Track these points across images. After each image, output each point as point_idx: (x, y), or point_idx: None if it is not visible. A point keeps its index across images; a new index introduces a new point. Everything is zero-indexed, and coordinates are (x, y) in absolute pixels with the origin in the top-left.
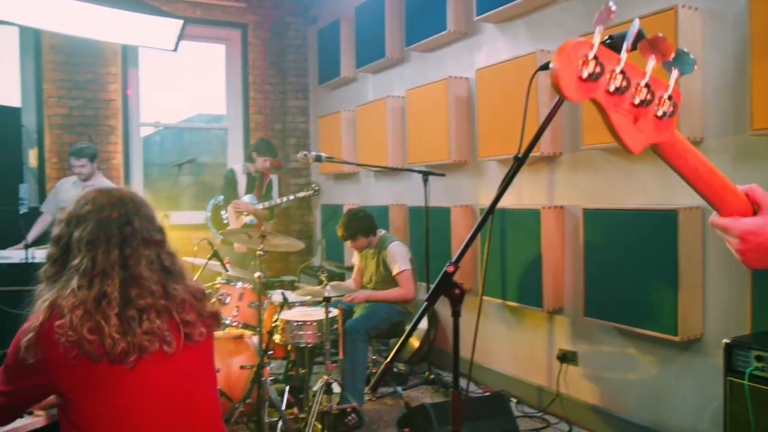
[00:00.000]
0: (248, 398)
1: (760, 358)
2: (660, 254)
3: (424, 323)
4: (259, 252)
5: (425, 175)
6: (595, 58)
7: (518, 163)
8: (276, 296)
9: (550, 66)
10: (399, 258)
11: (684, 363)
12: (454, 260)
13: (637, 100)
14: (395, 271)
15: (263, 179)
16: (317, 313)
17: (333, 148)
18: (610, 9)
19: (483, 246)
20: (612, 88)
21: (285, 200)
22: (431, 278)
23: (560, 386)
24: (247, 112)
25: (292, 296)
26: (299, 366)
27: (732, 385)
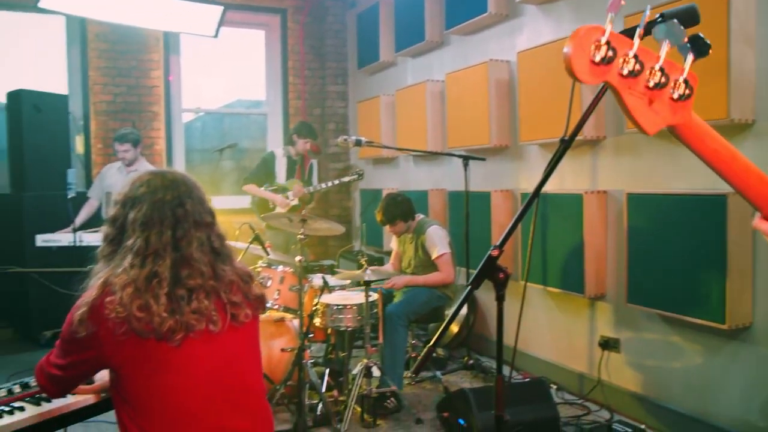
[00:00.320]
0: (289, 380)
1: None
2: (707, 240)
3: (464, 308)
4: (300, 236)
5: (465, 160)
6: (608, 43)
7: (564, 146)
8: (316, 280)
9: (564, 51)
10: (438, 242)
11: (732, 352)
12: (499, 244)
13: (652, 83)
14: (434, 256)
15: (304, 163)
16: (357, 297)
17: (372, 133)
18: None
19: (525, 231)
20: (625, 72)
21: (329, 185)
22: (471, 263)
23: (602, 373)
24: (287, 98)
25: (333, 280)
26: (339, 349)
27: None
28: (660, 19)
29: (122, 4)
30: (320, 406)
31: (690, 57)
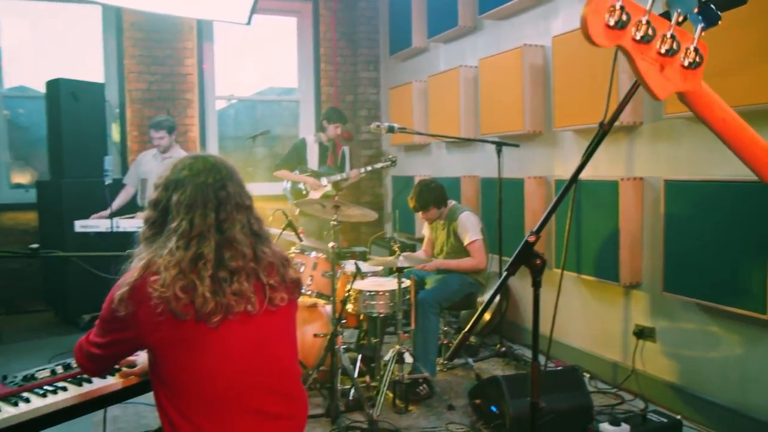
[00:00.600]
0: (322, 365)
1: None
2: (749, 228)
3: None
4: (333, 222)
5: (498, 146)
6: (621, 8)
7: (604, 130)
8: (349, 266)
9: (580, 14)
10: (470, 228)
11: None
12: (536, 230)
13: (663, 50)
14: (466, 242)
15: (336, 149)
16: (390, 284)
17: (404, 120)
18: None
19: (558, 219)
20: (638, 37)
21: (363, 171)
22: (504, 251)
23: (636, 363)
24: (319, 84)
25: (365, 266)
26: (371, 335)
27: None
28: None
29: None
30: (352, 392)
31: (700, 26)
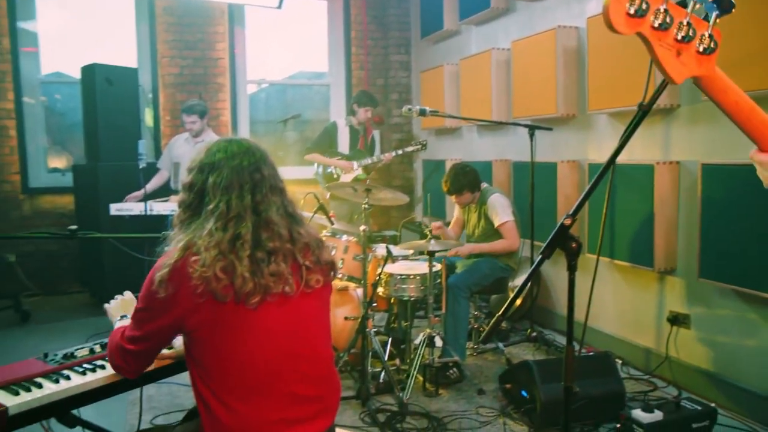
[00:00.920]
0: (352, 348)
1: None
2: None
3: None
4: (365, 205)
5: (531, 129)
6: None
7: (643, 112)
8: (380, 250)
9: (603, 3)
10: (500, 210)
11: None
12: (572, 213)
13: (680, 36)
14: (497, 223)
15: (366, 133)
16: (421, 267)
17: (435, 103)
18: None
19: (593, 203)
20: (656, 24)
21: (394, 154)
22: (536, 235)
23: (670, 349)
24: (350, 68)
25: (396, 250)
26: (401, 319)
27: None
28: None
29: None
30: (383, 374)
31: (714, 14)
